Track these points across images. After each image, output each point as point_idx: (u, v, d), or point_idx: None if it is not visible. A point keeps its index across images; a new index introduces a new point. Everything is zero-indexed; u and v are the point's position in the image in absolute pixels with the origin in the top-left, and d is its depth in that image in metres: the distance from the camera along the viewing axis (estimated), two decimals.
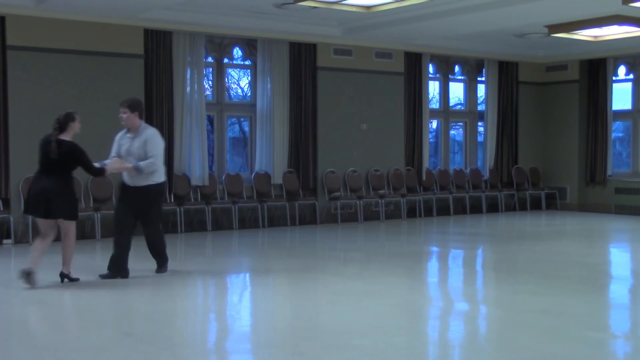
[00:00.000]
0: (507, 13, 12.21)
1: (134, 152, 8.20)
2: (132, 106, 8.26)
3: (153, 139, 8.25)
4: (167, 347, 5.53)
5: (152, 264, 8.59)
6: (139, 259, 8.84)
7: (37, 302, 7.21)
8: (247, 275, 9.11)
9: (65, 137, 7.78)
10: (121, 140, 8.37)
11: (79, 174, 8.31)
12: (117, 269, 8.18)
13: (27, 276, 7.57)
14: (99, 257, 10.12)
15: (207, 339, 6.05)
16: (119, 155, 8.28)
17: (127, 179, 8.29)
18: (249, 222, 13.53)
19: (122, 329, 6.13)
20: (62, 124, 7.78)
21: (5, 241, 11.35)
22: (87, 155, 7.83)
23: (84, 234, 11.73)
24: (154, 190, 8.29)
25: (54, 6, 11.25)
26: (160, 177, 8.33)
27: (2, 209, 11.35)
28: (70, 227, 7.86)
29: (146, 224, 8.37)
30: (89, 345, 5.59)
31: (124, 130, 8.40)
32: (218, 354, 5.55)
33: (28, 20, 11.44)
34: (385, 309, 6.79)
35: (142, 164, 8.12)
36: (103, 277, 8.14)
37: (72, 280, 7.93)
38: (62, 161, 7.70)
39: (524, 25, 13.77)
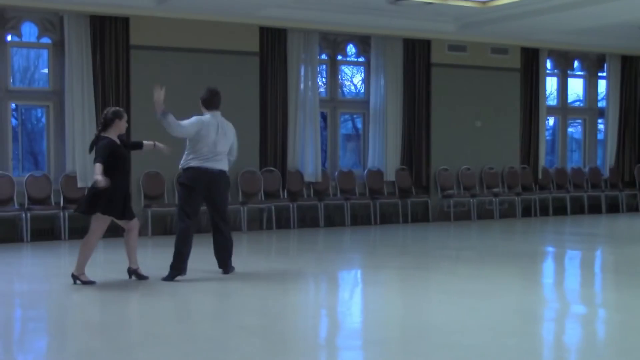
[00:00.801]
0: (630, 4, 11.75)
1: None
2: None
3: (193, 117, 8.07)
4: (279, 341, 5.61)
5: (262, 259, 8.72)
6: (248, 254, 8.99)
7: (157, 293, 7.45)
8: (359, 271, 9.13)
9: (109, 134, 7.64)
10: None
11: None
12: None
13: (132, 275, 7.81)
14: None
15: (318, 334, 6.09)
16: None
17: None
18: (361, 218, 13.56)
19: (236, 322, 6.26)
20: (107, 121, 7.64)
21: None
22: (105, 152, 7.48)
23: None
24: (181, 176, 8.09)
25: (174, 6, 11.61)
26: (189, 162, 7.97)
27: None
28: (93, 223, 7.72)
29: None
30: (203, 337, 5.73)
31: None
32: (328, 349, 5.59)
33: (149, 21, 11.85)
34: (499, 309, 6.66)
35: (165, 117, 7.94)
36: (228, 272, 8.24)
37: (81, 282, 7.71)
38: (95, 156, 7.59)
39: None
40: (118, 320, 6.36)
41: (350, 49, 13.99)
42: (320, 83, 13.71)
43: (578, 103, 17.01)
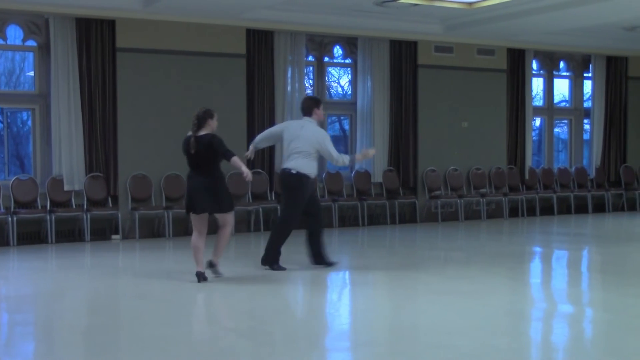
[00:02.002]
0: (615, 6, 11.81)
1: None
2: None
3: None
4: (268, 343, 5.60)
5: (251, 261, 8.70)
6: (237, 256, 8.98)
7: (145, 296, 7.43)
8: (347, 273, 9.12)
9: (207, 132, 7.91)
10: None
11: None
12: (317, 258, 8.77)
13: (211, 268, 8.01)
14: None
15: (307, 336, 6.08)
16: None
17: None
18: (348, 220, 13.57)
19: (225, 324, 6.25)
20: (201, 120, 7.88)
21: (113, 237, 11.77)
22: (224, 143, 7.88)
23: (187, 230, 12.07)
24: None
25: (161, 9, 11.58)
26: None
27: (111, 205, 11.76)
28: (229, 218, 8.02)
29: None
30: (192, 340, 5.73)
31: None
32: (317, 351, 5.58)
33: (136, 23, 11.81)
34: (487, 309, 6.67)
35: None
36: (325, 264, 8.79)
37: (215, 273, 8.07)
38: (204, 155, 7.79)
39: (634, 18, 13.27)
40: (106, 324, 6.33)
41: (337, 50, 14.01)
42: (307, 85, 13.70)
43: (564, 103, 17.10)
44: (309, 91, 13.77)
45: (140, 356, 5.26)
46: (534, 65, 15.79)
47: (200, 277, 7.76)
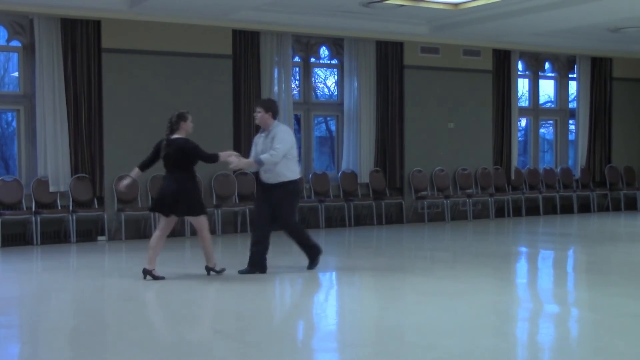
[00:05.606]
0: (599, 7, 11.87)
1: (265, 149, 8.33)
2: (267, 106, 8.44)
3: (281, 134, 8.31)
4: (255, 344, 5.59)
5: (237, 262, 8.69)
6: (223, 257, 8.96)
7: (132, 297, 7.41)
8: (334, 273, 9.12)
9: (181, 135, 8.03)
10: (257, 140, 8.59)
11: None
12: (256, 265, 8.42)
13: (147, 275, 7.93)
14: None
15: (294, 337, 6.08)
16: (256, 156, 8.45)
17: (262, 176, 8.44)
18: (335, 220, 13.57)
19: (212, 326, 6.24)
20: (174, 124, 8.01)
21: (99, 238, 11.72)
22: (199, 147, 8.02)
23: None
24: (287, 187, 8.34)
25: (146, 9, 11.54)
26: (294, 174, 8.39)
27: (97, 206, 11.71)
28: (201, 223, 8.07)
29: (277, 220, 8.47)
30: (179, 341, 5.71)
31: (260, 130, 8.61)
32: (304, 351, 5.58)
33: (122, 24, 11.77)
34: (473, 309, 6.69)
35: (262, 156, 8.19)
36: (242, 272, 8.38)
37: (217, 272, 8.24)
38: (176, 158, 7.92)
39: (618, 19, 13.36)
40: (92, 326, 6.30)
41: (324, 51, 14.02)
42: (293, 85, 13.69)
43: (549, 104, 17.18)
44: (295, 92, 13.77)
45: (127, 358, 5.24)
46: (520, 66, 15.85)
47: (148, 274, 7.89)
